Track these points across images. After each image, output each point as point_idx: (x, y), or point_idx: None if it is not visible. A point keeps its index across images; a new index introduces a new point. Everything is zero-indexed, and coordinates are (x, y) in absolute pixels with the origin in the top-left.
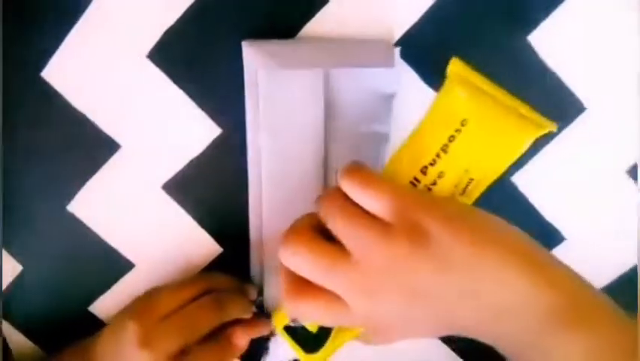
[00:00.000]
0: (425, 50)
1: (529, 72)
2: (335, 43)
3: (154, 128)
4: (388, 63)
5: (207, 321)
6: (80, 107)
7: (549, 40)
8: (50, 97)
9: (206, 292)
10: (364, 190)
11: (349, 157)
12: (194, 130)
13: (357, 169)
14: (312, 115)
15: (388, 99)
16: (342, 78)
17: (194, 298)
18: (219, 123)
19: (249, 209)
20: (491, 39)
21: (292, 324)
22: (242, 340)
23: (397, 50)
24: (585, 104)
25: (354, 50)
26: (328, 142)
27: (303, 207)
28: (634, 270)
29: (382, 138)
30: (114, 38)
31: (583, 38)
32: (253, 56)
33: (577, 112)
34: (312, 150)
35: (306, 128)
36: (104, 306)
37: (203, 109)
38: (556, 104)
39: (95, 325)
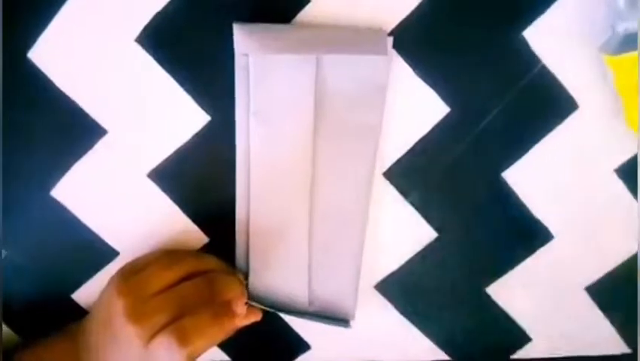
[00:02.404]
0: (418, 43)
1: (523, 68)
2: (328, 30)
3: (141, 114)
4: (381, 51)
5: (200, 301)
6: (66, 89)
7: (544, 37)
8: (36, 79)
9: (197, 273)
10: None
11: (339, 146)
12: (182, 117)
13: None
14: (302, 101)
15: (380, 90)
16: (334, 65)
17: (185, 277)
18: (208, 111)
19: (235, 196)
20: (486, 33)
21: None
22: (241, 308)
23: (390, 40)
24: (578, 102)
25: (348, 37)
26: (318, 130)
27: (290, 195)
28: (619, 269)
29: (373, 129)
30: (103, 20)
31: (578, 36)
32: (244, 39)
33: (569, 110)
34: (302, 137)
35: (296, 115)
36: (87, 294)
37: (191, 96)
38: (550, 101)
39: (78, 313)
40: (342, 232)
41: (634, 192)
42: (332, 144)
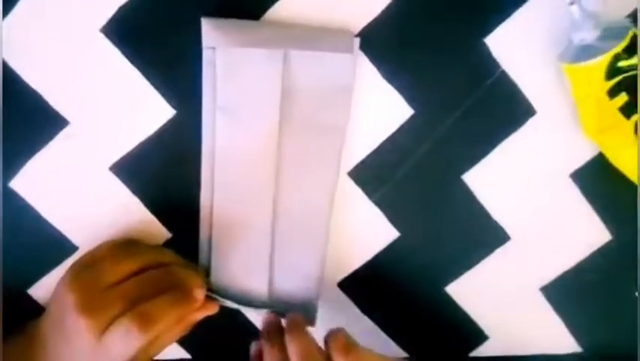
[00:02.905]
0: (385, 45)
1: (484, 74)
2: (296, 28)
3: (105, 106)
4: (347, 50)
5: (157, 292)
6: (28, 79)
7: (505, 44)
8: None
9: (153, 266)
10: None
11: (304, 144)
12: (146, 110)
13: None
14: (269, 96)
15: (346, 89)
16: (300, 61)
17: (141, 271)
18: (173, 105)
19: (200, 190)
20: (450, 38)
21: None
22: (200, 294)
23: (357, 40)
24: (536, 108)
25: (315, 35)
26: (284, 126)
27: (255, 190)
28: (573, 271)
29: (339, 129)
30: (67, 9)
31: (538, 44)
32: (212, 32)
33: (528, 115)
34: (267, 132)
35: (262, 110)
36: (44, 289)
37: (157, 89)
38: (509, 106)
39: (34, 309)
40: (305, 230)
41: (588, 196)
42: (297, 141)
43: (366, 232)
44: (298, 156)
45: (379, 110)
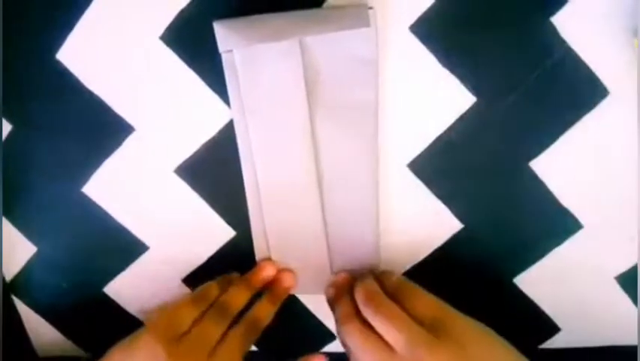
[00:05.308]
0: (442, 30)
1: (552, 55)
2: (307, 13)
3: (167, 111)
4: (363, 24)
5: (218, 331)
6: (94, 88)
7: (573, 22)
8: (65, 79)
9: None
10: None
11: (338, 128)
12: (206, 113)
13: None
14: (293, 88)
15: (369, 64)
16: (318, 46)
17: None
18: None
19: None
20: (512, 19)
21: None
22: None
23: (372, 12)
24: (609, 88)
25: (328, 16)
26: (315, 115)
27: (299, 185)
28: None
29: (370, 105)
30: (127, 19)
31: (609, 21)
32: (226, 35)
33: (600, 97)
34: (300, 124)
35: (289, 103)
36: (118, 288)
37: (215, 92)
38: (578, 88)
39: (110, 306)
40: (354, 209)
41: None
42: (331, 126)
43: (428, 224)
44: (335, 140)
45: (439, 99)
